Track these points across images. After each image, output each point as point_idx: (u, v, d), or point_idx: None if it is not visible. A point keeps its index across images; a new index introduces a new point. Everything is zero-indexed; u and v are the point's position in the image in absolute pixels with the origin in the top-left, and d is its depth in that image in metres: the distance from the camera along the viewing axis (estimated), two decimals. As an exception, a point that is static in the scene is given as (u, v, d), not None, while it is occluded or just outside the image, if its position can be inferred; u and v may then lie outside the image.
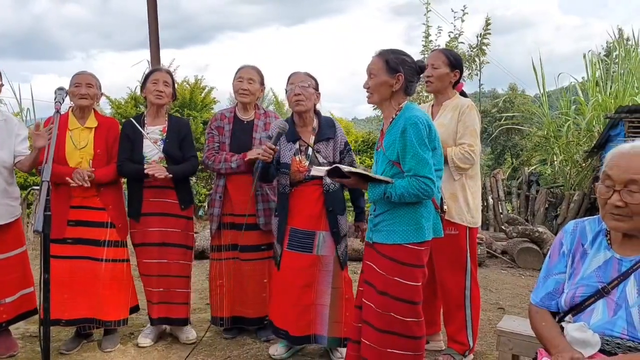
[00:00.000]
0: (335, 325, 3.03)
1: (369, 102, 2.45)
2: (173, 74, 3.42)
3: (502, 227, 6.90)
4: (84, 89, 3.14)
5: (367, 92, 2.43)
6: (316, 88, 3.06)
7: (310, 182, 2.97)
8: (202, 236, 6.00)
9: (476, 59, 9.69)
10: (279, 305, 3.08)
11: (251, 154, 3.16)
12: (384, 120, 2.49)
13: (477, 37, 9.28)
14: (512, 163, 13.21)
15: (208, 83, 10.14)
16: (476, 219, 3.03)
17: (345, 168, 2.34)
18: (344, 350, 2.92)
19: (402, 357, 2.35)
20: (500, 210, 8.17)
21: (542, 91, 10.28)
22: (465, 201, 2.97)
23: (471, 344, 3.05)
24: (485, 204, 8.64)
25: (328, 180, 2.92)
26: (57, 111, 2.70)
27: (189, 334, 3.40)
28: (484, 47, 9.58)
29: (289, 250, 3.02)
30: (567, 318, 1.70)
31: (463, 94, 3.15)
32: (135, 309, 3.38)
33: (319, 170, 2.46)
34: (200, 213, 3.67)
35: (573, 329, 1.63)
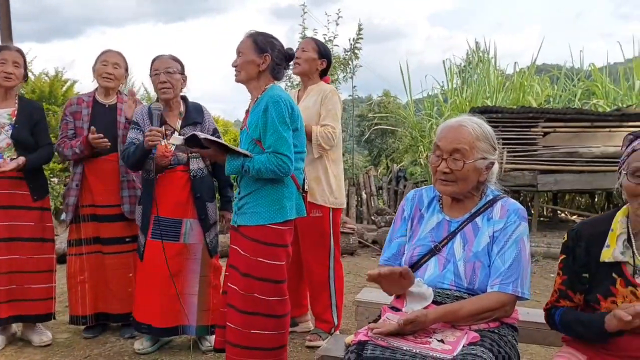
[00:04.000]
0: (203, 314, 2.99)
1: (236, 80, 2.48)
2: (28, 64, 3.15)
3: (372, 217, 7.32)
4: None
5: (235, 70, 2.47)
6: (182, 72, 3.01)
7: (177, 168, 2.91)
8: (63, 239, 5.55)
9: (350, 63, 10.16)
10: (142, 297, 2.96)
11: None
12: (250, 100, 2.52)
13: (350, 41, 9.72)
14: (387, 164, 14.06)
15: (73, 78, 9.42)
16: (339, 200, 3.18)
17: (201, 135, 2.33)
18: (212, 339, 2.90)
19: (266, 336, 2.39)
20: (373, 204, 8.66)
21: (409, 95, 11.12)
22: (327, 183, 3.11)
23: (336, 322, 3.19)
24: (359, 199, 9.11)
25: (195, 165, 2.89)
26: None
27: (44, 335, 3.14)
28: (356, 51, 10.08)
29: (153, 240, 2.92)
30: (406, 277, 1.87)
31: None
32: None
33: (177, 139, 2.41)
34: (62, 217, 3.38)
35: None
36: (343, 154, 12.17)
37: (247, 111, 2.52)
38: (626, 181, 1.55)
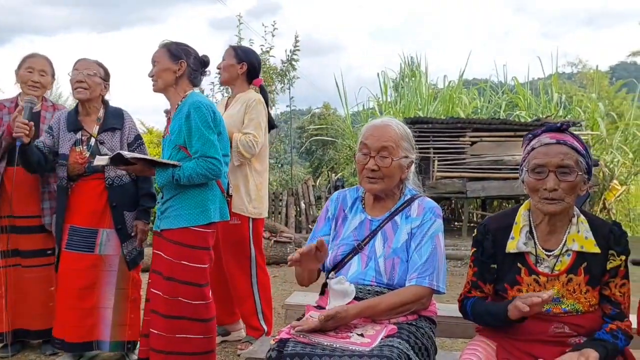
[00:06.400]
0: (118, 329, 2.87)
1: (154, 90, 2.50)
2: None
3: (310, 225, 7.37)
4: None
5: (152, 79, 2.49)
6: (105, 79, 2.94)
7: (92, 176, 2.80)
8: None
9: (287, 74, 10.25)
10: (58, 311, 2.83)
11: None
12: (171, 108, 2.55)
13: (286, 52, 9.81)
14: (328, 175, 14.23)
15: (-5, 87, 8.88)
16: (259, 210, 3.14)
17: (127, 154, 2.31)
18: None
19: (192, 341, 2.36)
20: (311, 214, 8.72)
21: (345, 108, 11.38)
22: (247, 193, 3.08)
23: (266, 328, 3.17)
24: (298, 209, 9.16)
25: (112, 173, 2.81)
26: None
27: (-48, 358, 2.92)
28: (293, 63, 10.19)
29: (68, 251, 2.80)
30: (330, 275, 1.91)
31: (262, 89, 3.29)
32: None
33: (101, 159, 2.40)
34: None
35: (334, 282, 1.84)
36: (282, 165, 12.16)
37: (169, 119, 2.53)
38: (527, 177, 1.67)
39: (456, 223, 9.96)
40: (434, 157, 8.16)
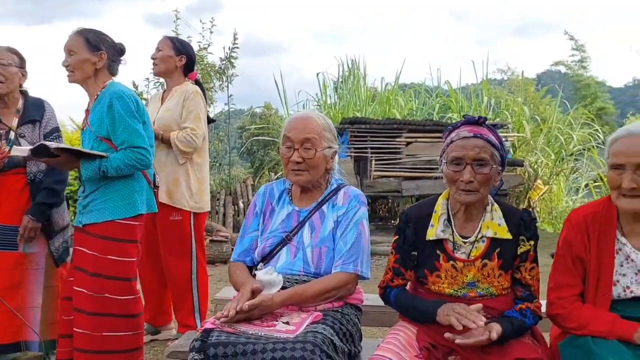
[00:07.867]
0: (49, 328, 2.73)
1: (70, 81, 2.40)
2: None
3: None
4: None
5: (68, 70, 2.38)
6: (22, 66, 2.78)
7: (12, 171, 2.66)
8: None
9: (225, 71, 10.10)
10: None
11: None
12: (89, 99, 2.46)
13: (224, 49, 9.67)
14: (269, 175, 14.14)
15: None
16: (200, 204, 3.10)
17: (52, 144, 2.22)
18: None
19: (120, 338, 2.30)
20: (249, 213, 8.64)
21: (285, 108, 11.43)
22: (188, 187, 3.03)
23: (199, 326, 3.12)
24: (236, 208, 9.06)
25: (34, 168, 2.67)
26: None
27: None
28: (232, 60, 10.07)
29: None
30: (259, 266, 1.92)
31: (198, 83, 3.23)
32: None
33: (21, 150, 2.28)
34: None
35: (262, 273, 1.84)
36: (221, 165, 11.80)
37: (87, 110, 2.45)
38: (446, 169, 1.75)
39: (392, 221, 10.20)
40: (371, 156, 8.32)
